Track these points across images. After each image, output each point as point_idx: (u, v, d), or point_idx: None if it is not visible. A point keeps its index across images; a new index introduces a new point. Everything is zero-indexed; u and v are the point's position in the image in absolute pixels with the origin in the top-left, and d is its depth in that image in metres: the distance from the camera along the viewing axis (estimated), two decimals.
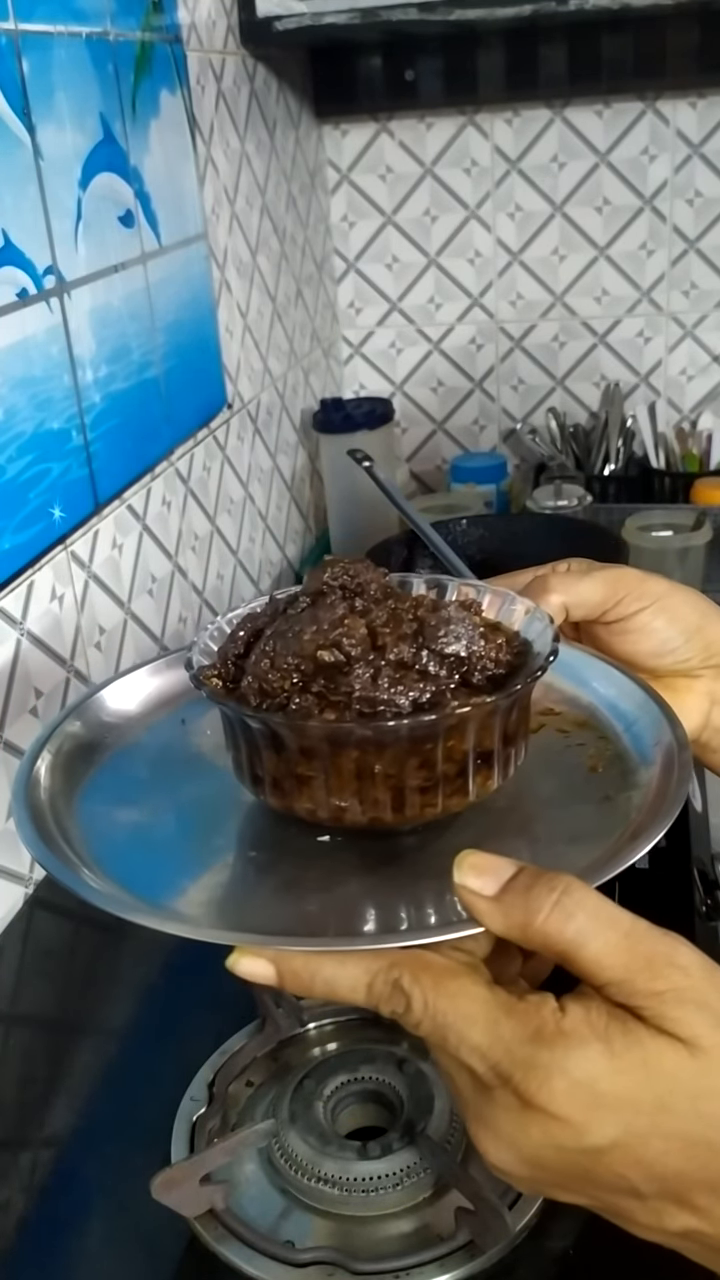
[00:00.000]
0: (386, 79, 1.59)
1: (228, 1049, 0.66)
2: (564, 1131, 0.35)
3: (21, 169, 0.82)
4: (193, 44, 1.14)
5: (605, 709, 0.52)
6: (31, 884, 0.85)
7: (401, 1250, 0.54)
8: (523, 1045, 0.36)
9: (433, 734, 0.42)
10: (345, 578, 0.46)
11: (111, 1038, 0.72)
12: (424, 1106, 0.59)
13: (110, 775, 0.50)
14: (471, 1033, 0.36)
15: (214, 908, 0.43)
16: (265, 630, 0.45)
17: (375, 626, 0.44)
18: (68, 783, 0.49)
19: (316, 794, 0.43)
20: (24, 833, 0.45)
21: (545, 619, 0.48)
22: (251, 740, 0.44)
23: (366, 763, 0.42)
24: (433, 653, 0.43)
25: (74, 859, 0.44)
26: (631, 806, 0.45)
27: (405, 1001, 0.37)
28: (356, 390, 1.79)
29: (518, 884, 0.37)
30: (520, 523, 1.23)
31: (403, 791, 0.43)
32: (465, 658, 0.44)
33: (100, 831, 0.46)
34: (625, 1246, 0.55)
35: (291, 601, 0.47)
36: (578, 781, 0.48)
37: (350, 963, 0.38)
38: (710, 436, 1.68)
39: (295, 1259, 0.54)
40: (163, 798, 0.49)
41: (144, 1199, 0.55)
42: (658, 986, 0.36)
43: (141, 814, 0.48)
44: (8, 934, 0.81)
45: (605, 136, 1.60)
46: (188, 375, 1.13)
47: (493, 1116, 0.37)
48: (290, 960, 0.39)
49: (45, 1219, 0.59)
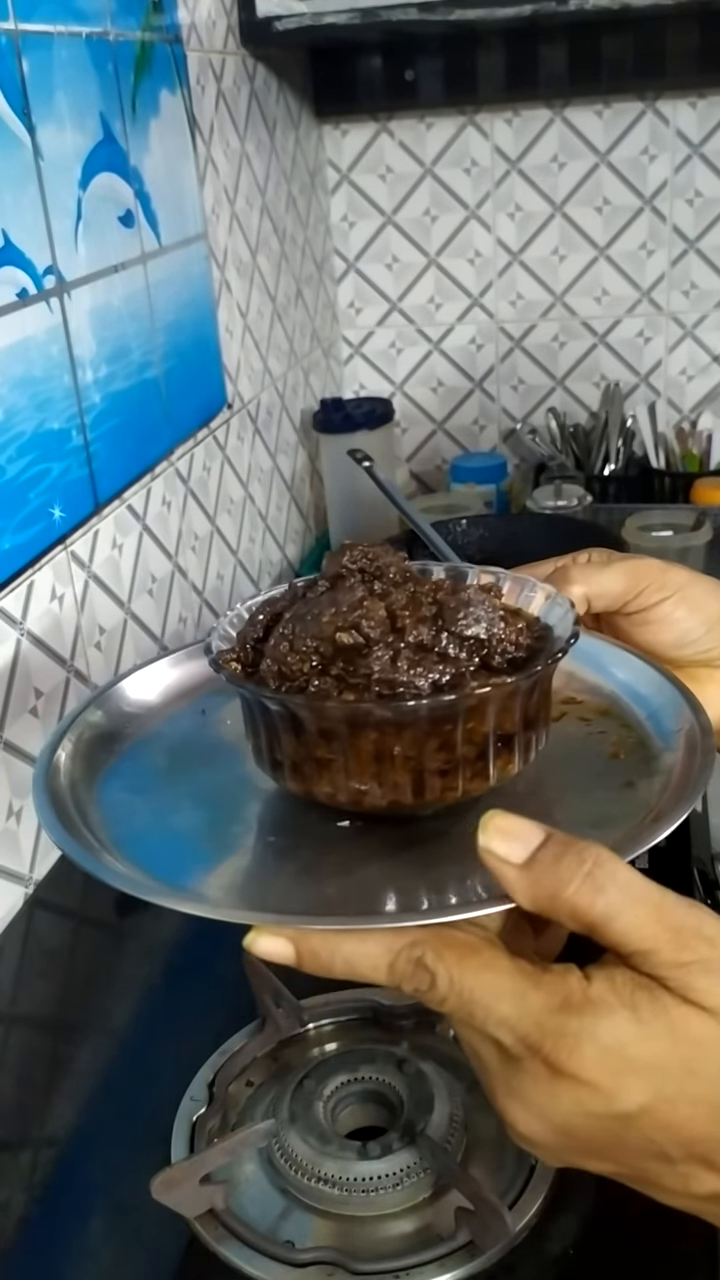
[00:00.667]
0: (386, 79, 1.59)
1: (228, 1049, 0.66)
2: (594, 1097, 0.36)
3: (21, 169, 0.82)
4: (193, 44, 1.14)
5: (627, 697, 0.51)
6: (31, 884, 0.85)
7: (401, 1250, 0.54)
8: (552, 1015, 0.36)
9: (452, 715, 0.42)
10: (364, 561, 0.46)
11: (111, 1038, 0.72)
12: (424, 1106, 0.59)
13: (131, 763, 0.51)
14: (500, 1006, 0.36)
15: (233, 890, 0.43)
16: (285, 614, 0.45)
17: (394, 609, 0.44)
18: (88, 770, 0.49)
19: (336, 777, 0.43)
20: (44, 816, 0.45)
21: (566, 604, 0.47)
22: (271, 724, 0.44)
23: (385, 745, 0.42)
24: (452, 635, 0.43)
25: (94, 843, 0.44)
26: (653, 792, 0.45)
27: (430, 978, 0.37)
28: (356, 390, 1.79)
29: (547, 853, 0.37)
30: (520, 523, 1.23)
31: (422, 774, 0.42)
32: (485, 640, 0.44)
33: (120, 817, 0.46)
34: (625, 1246, 0.55)
35: (310, 586, 0.47)
36: (600, 768, 0.48)
37: (371, 941, 0.38)
38: (710, 436, 1.68)
39: (295, 1259, 0.54)
40: (182, 785, 0.49)
41: (144, 1199, 0.55)
42: (684, 958, 0.36)
43: (161, 801, 0.48)
44: (8, 934, 0.81)
45: (605, 136, 1.60)
46: (188, 375, 1.13)
47: (521, 1086, 0.37)
48: (309, 939, 0.38)
49: (45, 1219, 0.59)
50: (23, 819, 0.84)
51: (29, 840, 0.85)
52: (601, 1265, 0.54)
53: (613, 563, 0.54)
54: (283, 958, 0.39)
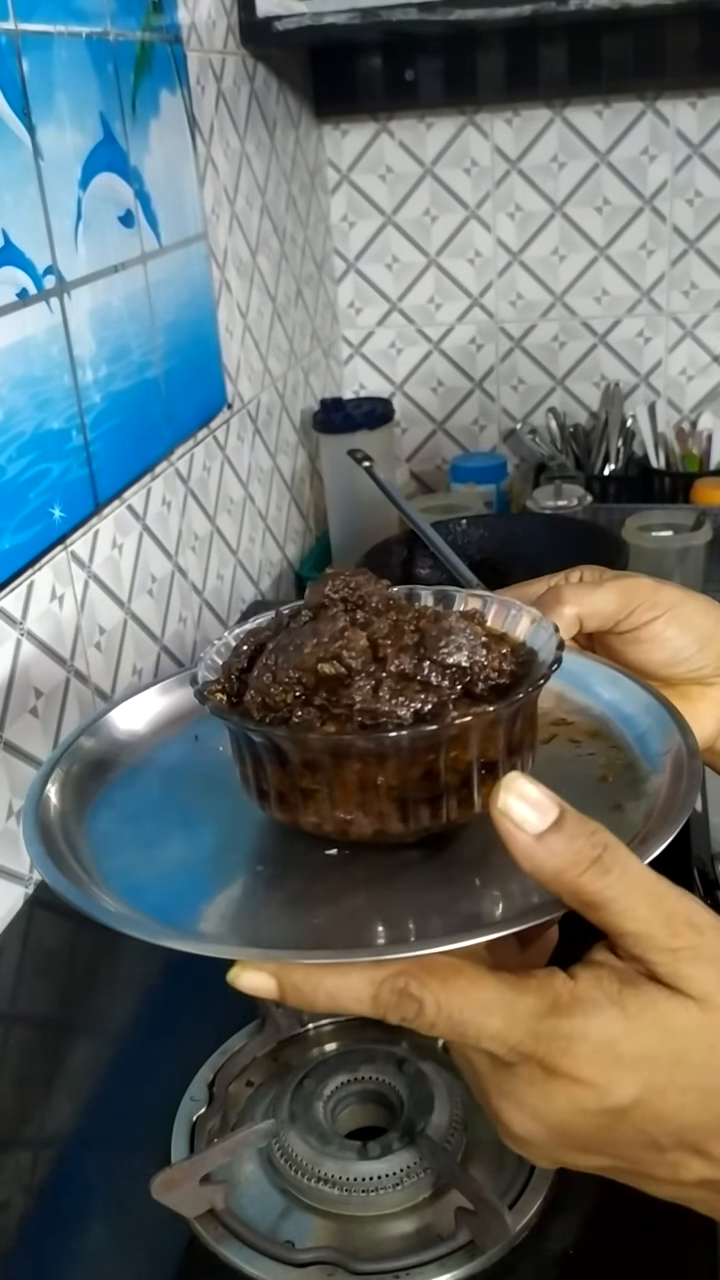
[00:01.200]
0: (386, 79, 1.59)
1: (228, 1049, 0.66)
2: (588, 1094, 0.36)
3: (21, 169, 0.82)
4: (193, 44, 1.14)
5: (616, 718, 0.52)
6: (31, 884, 0.85)
7: (401, 1250, 0.54)
8: (542, 1019, 0.36)
9: (435, 744, 0.42)
10: (346, 590, 0.46)
11: (111, 1038, 0.72)
12: (424, 1106, 0.59)
13: (122, 792, 0.51)
14: (490, 1021, 0.37)
15: (222, 922, 0.43)
16: (268, 644, 0.45)
17: (376, 638, 0.44)
18: (79, 800, 0.49)
19: (321, 807, 0.43)
20: (33, 851, 0.45)
21: (550, 628, 0.47)
22: (256, 755, 0.44)
23: (369, 775, 0.42)
24: (434, 663, 0.43)
25: (82, 875, 0.44)
26: (640, 815, 0.45)
27: (416, 1006, 0.37)
28: (356, 390, 1.79)
29: (563, 829, 0.37)
30: (520, 523, 1.23)
31: (407, 803, 0.43)
32: (467, 668, 0.44)
33: (110, 849, 0.47)
34: (625, 1246, 0.55)
35: (294, 615, 0.47)
36: (588, 791, 0.48)
37: (354, 974, 0.38)
38: (710, 436, 1.68)
39: (295, 1259, 0.54)
40: (173, 814, 0.49)
41: (144, 1199, 0.55)
42: (675, 944, 0.37)
43: (152, 830, 0.48)
44: (8, 934, 0.81)
45: (605, 136, 1.60)
46: (188, 375, 1.13)
47: (515, 1089, 0.37)
48: (292, 974, 0.39)
49: (45, 1219, 0.59)
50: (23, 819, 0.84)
51: None
52: (601, 1265, 0.54)
53: (604, 582, 0.54)
54: (266, 993, 0.39)
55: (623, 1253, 0.55)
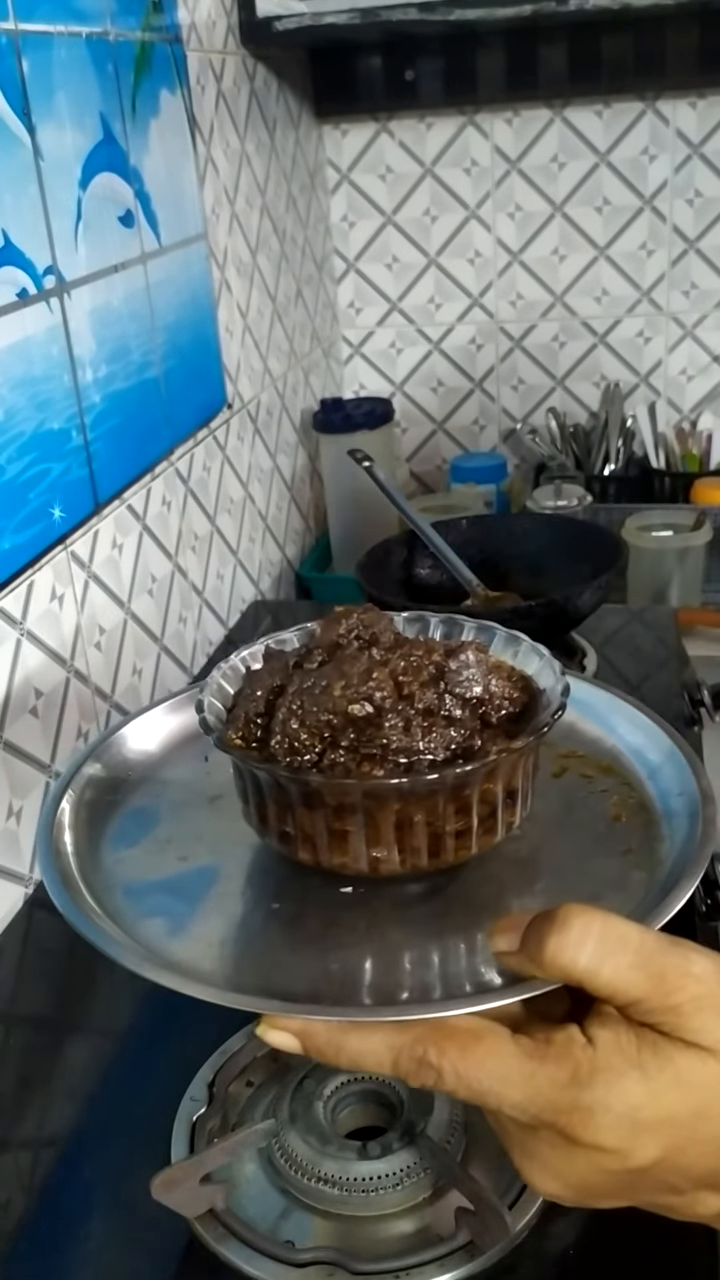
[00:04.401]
0: (386, 79, 1.59)
1: (228, 1049, 0.66)
2: (610, 1159, 0.37)
3: (21, 169, 0.82)
4: (193, 44, 1.14)
5: (628, 752, 0.52)
6: (31, 884, 0.85)
7: (401, 1250, 0.54)
8: (563, 1091, 0.36)
9: (472, 780, 0.42)
10: (360, 629, 0.47)
11: (111, 1038, 0.72)
12: (424, 1106, 0.59)
13: (133, 820, 0.51)
14: (509, 1093, 0.37)
15: (239, 964, 0.43)
16: (287, 688, 0.45)
17: (397, 675, 0.44)
18: (91, 828, 0.49)
19: (354, 848, 0.43)
20: (53, 889, 0.45)
21: (545, 652, 0.48)
22: (282, 800, 0.44)
23: (407, 814, 0.42)
24: (455, 697, 0.44)
25: (99, 912, 0.44)
26: (654, 861, 0.45)
27: (435, 1074, 0.37)
28: (356, 390, 1.79)
29: (531, 931, 0.38)
30: (520, 523, 1.22)
31: (440, 837, 0.43)
32: (485, 699, 0.45)
33: (123, 880, 0.47)
34: (625, 1246, 0.55)
35: (305, 655, 0.47)
36: (601, 832, 0.48)
37: (374, 1037, 0.38)
38: (710, 436, 1.68)
39: (295, 1259, 0.54)
40: (186, 843, 0.49)
41: (144, 1199, 0.55)
42: (673, 1000, 0.36)
43: (165, 861, 0.48)
44: (8, 934, 0.81)
45: (605, 136, 1.60)
46: (188, 375, 1.13)
47: (538, 1152, 0.38)
48: (315, 1034, 0.39)
49: (45, 1219, 0.59)
50: (23, 819, 0.84)
51: (29, 840, 0.85)
52: (601, 1265, 0.54)
53: None
54: (291, 1049, 0.39)
55: (623, 1253, 0.55)
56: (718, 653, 1.27)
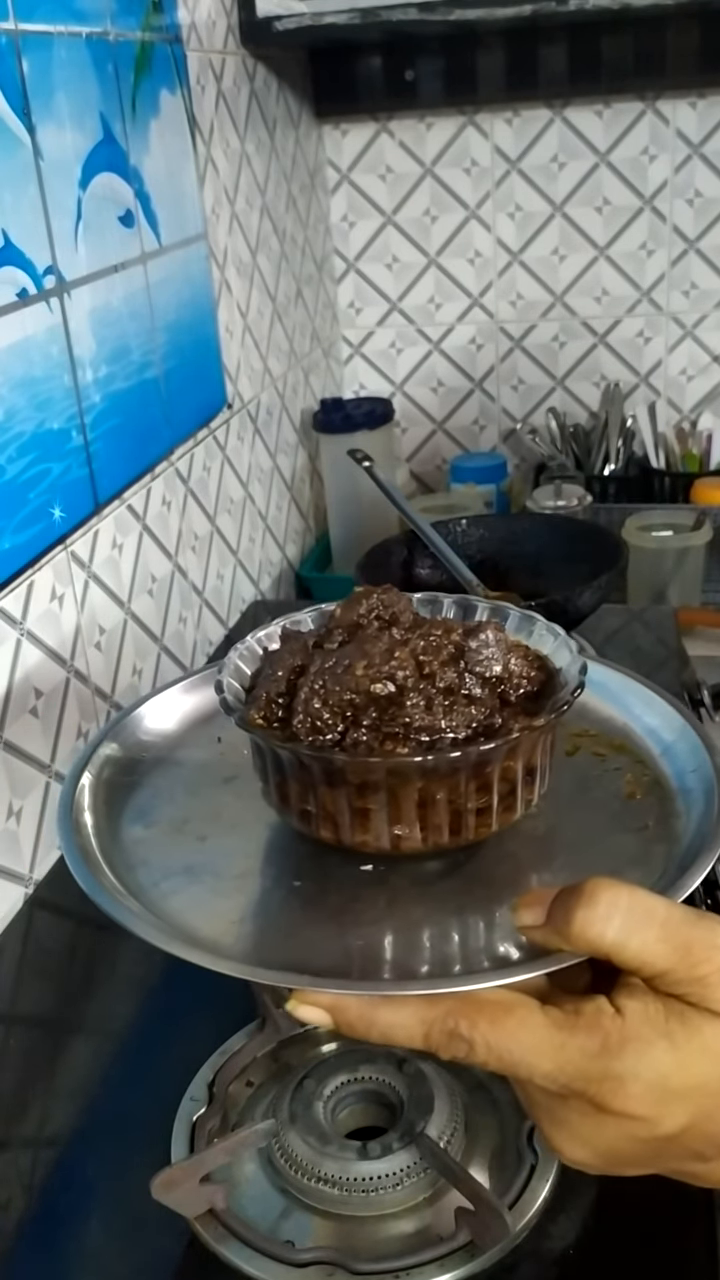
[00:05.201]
0: (386, 79, 1.59)
1: (228, 1049, 0.66)
2: (640, 1127, 0.37)
3: (21, 169, 0.82)
4: (193, 44, 1.14)
5: (640, 730, 0.52)
6: (31, 884, 0.85)
7: (401, 1250, 0.54)
8: (593, 1061, 0.37)
9: (493, 757, 0.43)
10: (380, 609, 0.47)
11: (111, 1038, 0.72)
12: (424, 1106, 0.59)
13: (150, 798, 0.51)
14: (540, 1063, 0.37)
15: (263, 940, 0.43)
16: (308, 667, 0.45)
17: (418, 654, 0.45)
18: (110, 807, 0.49)
19: (376, 825, 0.43)
20: (75, 867, 0.45)
21: (561, 632, 0.49)
22: (305, 779, 0.44)
23: (430, 791, 0.42)
24: (475, 675, 0.45)
25: (121, 890, 0.44)
26: (671, 837, 0.46)
27: (466, 1047, 0.38)
28: (356, 390, 1.79)
29: (558, 904, 0.38)
30: (520, 523, 1.22)
31: (461, 815, 0.43)
32: (504, 677, 0.45)
33: (144, 859, 0.47)
34: (625, 1246, 0.55)
35: (325, 635, 0.47)
36: (616, 809, 0.48)
37: (405, 1011, 0.38)
38: (710, 436, 1.68)
39: (295, 1259, 0.54)
40: (204, 821, 0.49)
41: (144, 1199, 0.55)
42: (699, 972, 0.37)
43: (185, 839, 0.48)
44: (8, 934, 0.81)
45: (605, 136, 1.60)
46: (188, 375, 1.13)
47: (568, 1120, 0.39)
48: (346, 1008, 0.39)
49: (45, 1219, 0.59)
50: (23, 819, 0.84)
51: (29, 840, 0.85)
52: (601, 1265, 0.54)
53: None
54: (321, 1024, 0.39)
55: (623, 1253, 0.55)
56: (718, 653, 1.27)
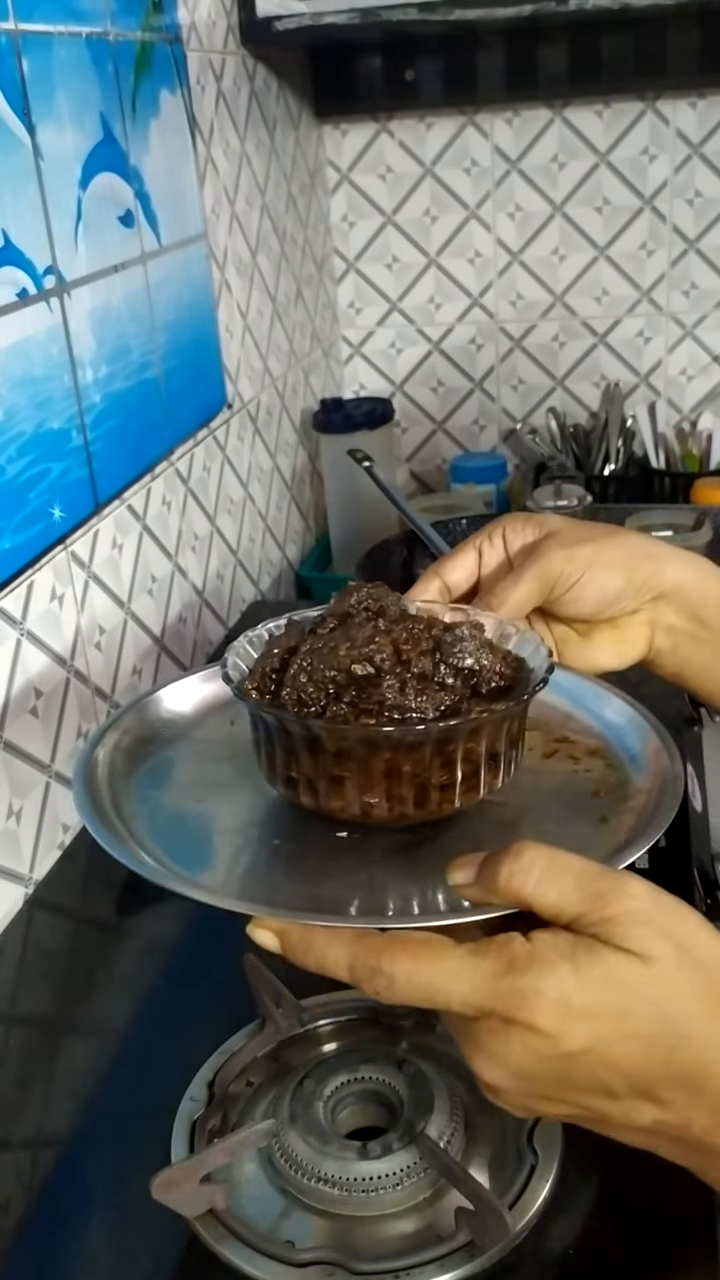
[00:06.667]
0: (386, 79, 1.59)
1: (228, 1049, 0.66)
2: (543, 1042, 0.41)
3: (21, 169, 0.82)
4: (193, 44, 1.14)
5: (614, 739, 0.57)
6: (31, 884, 0.85)
7: (401, 1250, 0.54)
8: (500, 978, 0.41)
9: (455, 737, 0.47)
10: (369, 601, 0.52)
11: (111, 1038, 0.72)
12: (424, 1106, 0.59)
13: (164, 764, 0.56)
14: (455, 986, 0.41)
15: (241, 886, 0.49)
16: (300, 648, 0.50)
17: (399, 643, 0.50)
18: (126, 768, 0.55)
19: (349, 793, 0.48)
20: (81, 804, 0.50)
21: (537, 641, 0.54)
22: (289, 746, 0.49)
23: (397, 763, 0.47)
24: (449, 666, 0.49)
25: (125, 834, 0.49)
26: (624, 828, 0.50)
27: (387, 980, 0.42)
28: (356, 390, 1.79)
29: (487, 862, 0.43)
30: None
31: (426, 789, 0.48)
32: (477, 670, 0.50)
33: (151, 813, 0.52)
34: (625, 1246, 0.55)
35: (319, 623, 0.52)
36: (580, 804, 0.53)
37: (338, 943, 0.43)
38: (710, 436, 1.68)
39: (295, 1259, 0.54)
40: (207, 788, 0.55)
41: (144, 1199, 0.55)
42: (610, 912, 0.41)
43: (189, 800, 0.54)
44: (8, 934, 0.81)
45: (605, 136, 1.60)
46: (188, 375, 1.13)
47: (480, 1040, 0.42)
48: (289, 934, 0.44)
49: (45, 1219, 0.59)
50: (23, 819, 0.84)
51: (29, 840, 0.85)
52: (601, 1265, 0.54)
53: (521, 575, 0.58)
54: (271, 946, 0.44)
55: (623, 1253, 0.55)
56: None
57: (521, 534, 0.61)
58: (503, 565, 0.61)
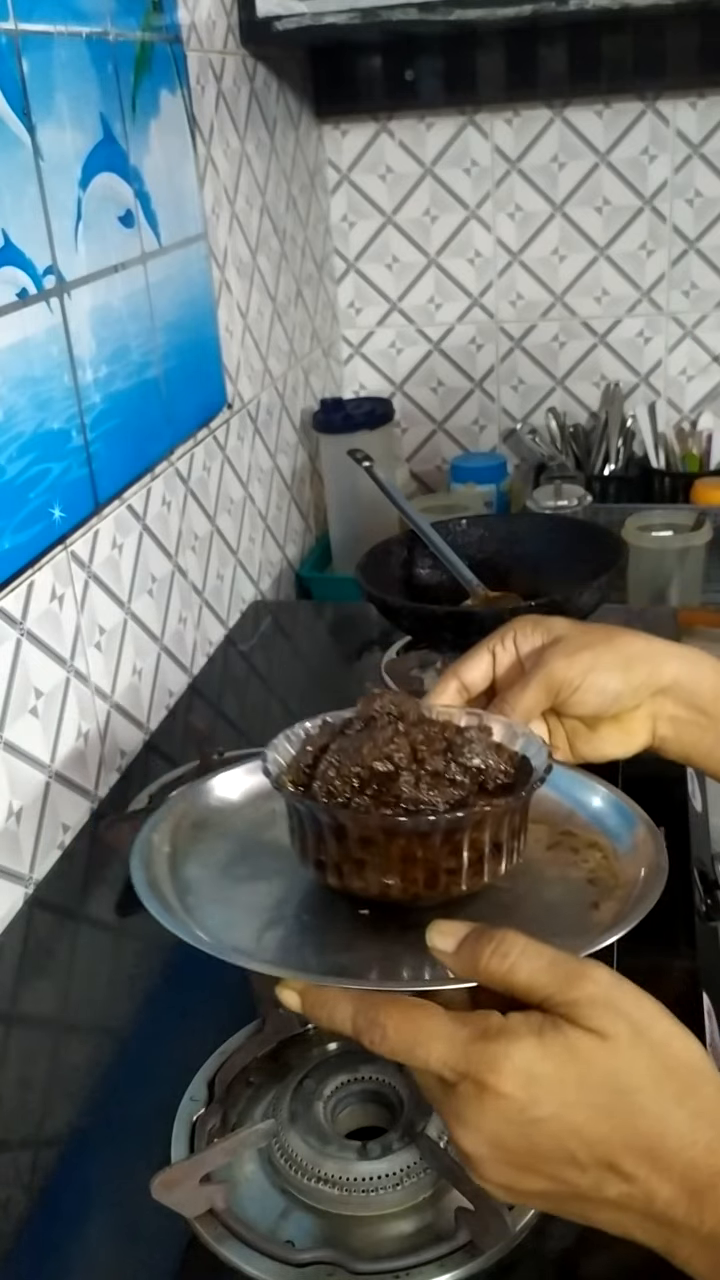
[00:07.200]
0: (386, 79, 1.59)
1: (228, 1049, 0.66)
2: (511, 1107, 0.44)
3: (21, 169, 0.82)
4: (193, 44, 1.14)
5: (610, 834, 0.62)
6: (31, 884, 0.85)
7: (401, 1250, 0.54)
8: (474, 1043, 0.45)
9: (462, 827, 0.53)
10: (392, 707, 0.58)
11: (111, 1038, 0.72)
12: (424, 1107, 0.59)
13: (208, 846, 0.62)
14: (435, 1045, 0.45)
15: (274, 954, 0.55)
16: (330, 745, 0.57)
17: (416, 744, 0.56)
18: (176, 849, 0.61)
19: (369, 875, 0.54)
20: (139, 885, 0.57)
21: (539, 743, 0.59)
22: (318, 832, 0.55)
23: (411, 849, 0.53)
24: (459, 765, 0.55)
25: (177, 907, 0.56)
26: (610, 914, 0.55)
27: (380, 1032, 0.47)
28: (356, 390, 1.79)
29: (469, 938, 0.47)
30: (520, 523, 1.22)
31: (436, 873, 0.53)
32: (484, 769, 0.56)
33: (196, 889, 0.58)
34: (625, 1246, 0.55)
35: (348, 724, 0.59)
36: (575, 889, 0.58)
37: (345, 1001, 0.48)
38: (710, 436, 1.68)
39: (295, 1259, 0.54)
40: (247, 867, 0.61)
41: (144, 1199, 0.55)
42: (574, 995, 0.45)
43: (228, 879, 0.60)
44: (8, 934, 0.81)
45: (605, 136, 1.60)
46: (188, 375, 1.13)
47: (457, 1106, 0.45)
48: (307, 994, 0.50)
49: (46, 1219, 0.59)
50: (23, 819, 0.84)
51: (29, 840, 0.85)
52: (602, 1265, 0.54)
53: (529, 682, 0.64)
54: (294, 1007, 0.50)
55: (623, 1253, 0.55)
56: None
57: (530, 638, 0.67)
58: (514, 666, 0.67)
